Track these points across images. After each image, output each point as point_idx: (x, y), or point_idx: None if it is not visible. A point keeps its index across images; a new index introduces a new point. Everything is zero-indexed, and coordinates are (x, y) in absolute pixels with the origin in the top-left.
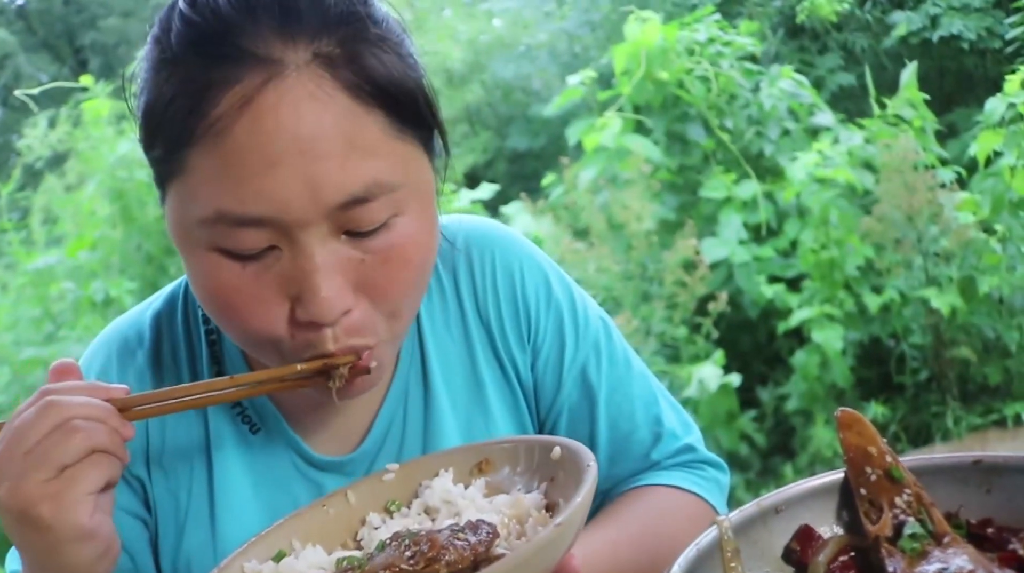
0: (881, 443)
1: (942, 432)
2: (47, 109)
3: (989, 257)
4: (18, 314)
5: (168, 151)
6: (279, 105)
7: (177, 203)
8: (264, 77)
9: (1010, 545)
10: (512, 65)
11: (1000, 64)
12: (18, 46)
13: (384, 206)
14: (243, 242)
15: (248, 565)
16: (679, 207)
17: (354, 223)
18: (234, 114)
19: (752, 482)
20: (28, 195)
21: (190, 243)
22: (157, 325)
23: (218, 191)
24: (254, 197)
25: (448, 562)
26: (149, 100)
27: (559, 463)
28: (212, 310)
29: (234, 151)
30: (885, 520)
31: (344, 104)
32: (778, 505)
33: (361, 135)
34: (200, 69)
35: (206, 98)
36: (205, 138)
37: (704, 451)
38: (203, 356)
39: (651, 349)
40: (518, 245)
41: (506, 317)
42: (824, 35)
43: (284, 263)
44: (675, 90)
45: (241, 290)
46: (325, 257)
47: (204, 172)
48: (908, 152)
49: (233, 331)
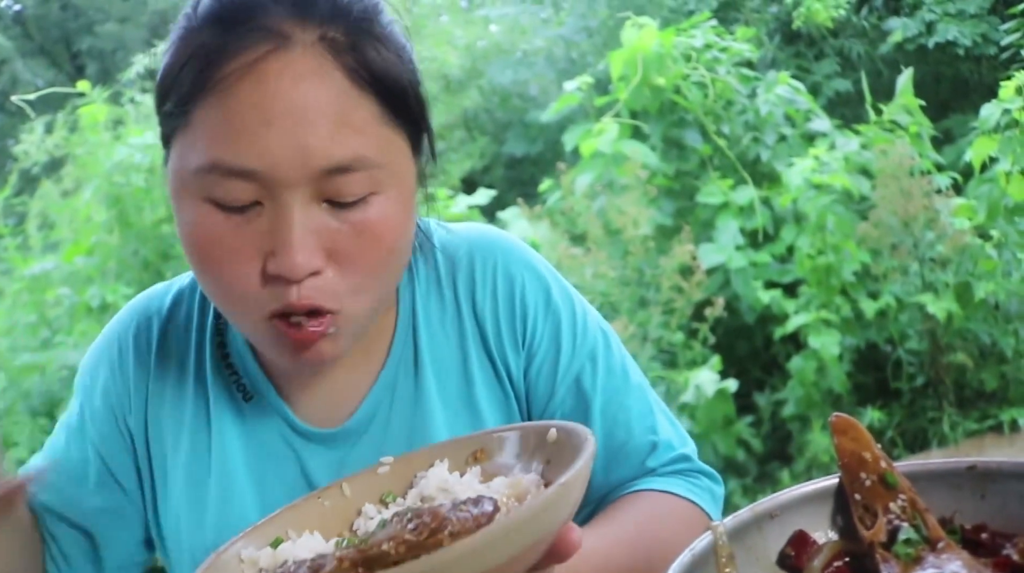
0: (876, 448)
1: (938, 438)
2: (44, 114)
3: (985, 263)
4: (14, 320)
5: (177, 106)
6: (282, 73)
7: (179, 154)
8: (272, 47)
9: (1004, 551)
10: (509, 71)
11: (995, 70)
12: (15, 51)
13: (364, 181)
14: (231, 193)
15: (245, 552)
16: (676, 212)
17: (335, 191)
18: (240, 75)
19: (749, 488)
20: (24, 200)
21: (184, 193)
22: (177, 297)
23: (216, 143)
24: (247, 151)
25: (452, 533)
26: (167, 62)
27: (555, 445)
28: (193, 259)
29: (235, 108)
30: (880, 525)
31: (341, 84)
32: (773, 510)
33: (352, 114)
34: (216, 36)
35: (217, 60)
36: (211, 95)
37: (699, 462)
38: (208, 329)
39: (648, 355)
40: (522, 254)
41: (502, 319)
42: (820, 41)
43: (264, 219)
44: (672, 96)
45: (222, 240)
46: (302, 218)
47: (206, 125)
48: (904, 158)
49: (209, 282)
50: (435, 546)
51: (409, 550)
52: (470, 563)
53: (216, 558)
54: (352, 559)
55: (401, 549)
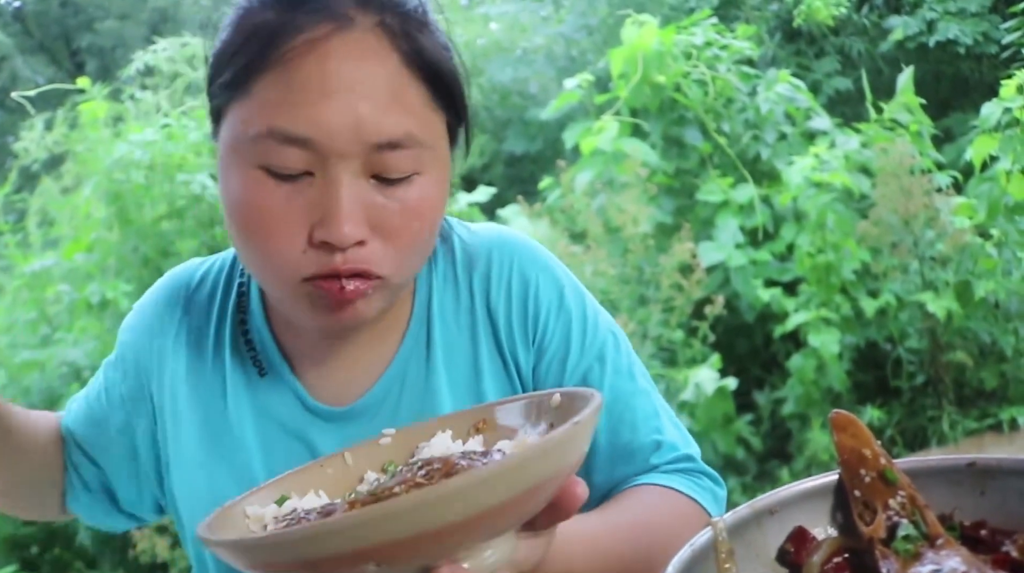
0: (875, 445)
1: (938, 436)
2: (44, 111)
3: (985, 261)
4: (14, 316)
5: (237, 75)
6: (343, 50)
7: (235, 123)
8: (335, 27)
9: (1003, 547)
10: (509, 69)
11: (996, 69)
12: (15, 48)
13: (411, 159)
14: (285, 160)
15: (250, 509)
16: (676, 211)
17: (383, 167)
18: (304, 50)
19: (748, 486)
20: (24, 197)
21: (237, 159)
22: (204, 274)
23: (276, 112)
24: (306, 120)
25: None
26: (226, 37)
27: (559, 409)
28: (238, 222)
29: (297, 80)
30: (879, 522)
31: (395, 66)
32: (772, 506)
33: (404, 94)
34: (281, 14)
35: (282, 35)
36: (274, 67)
37: (703, 464)
38: (230, 306)
39: (648, 353)
40: (539, 256)
41: (515, 316)
42: (821, 39)
43: (314, 189)
44: (672, 94)
45: (270, 206)
46: (351, 190)
47: (267, 95)
48: (904, 156)
49: (252, 245)
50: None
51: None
52: (475, 495)
53: (221, 512)
54: (364, 502)
55: (410, 491)
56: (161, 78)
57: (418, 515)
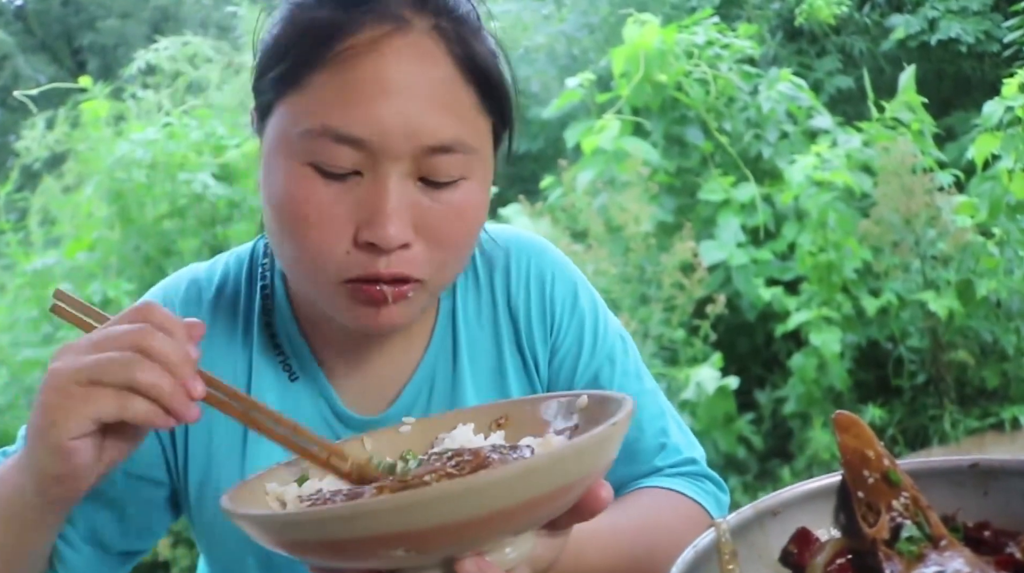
0: (878, 446)
1: (939, 435)
2: (45, 110)
3: (987, 260)
4: (16, 315)
5: (290, 70)
6: (399, 52)
7: (285, 117)
8: (394, 28)
9: (1007, 548)
10: None
11: (998, 67)
12: (16, 47)
13: (460, 163)
14: (336, 158)
15: (270, 486)
16: (677, 209)
17: (431, 170)
18: (363, 49)
19: (750, 485)
20: (26, 196)
21: (286, 154)
22: (225, 273)
23: (331, 109)
24: (361, 120)
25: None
26: (278, 32)
27: (586, 411)
28: (283, 218)
29: (355, 79)
30: (882, 523)
31: (450, 70)
32: (775, 508)
33: (457, 100)
34: (337, 12)
35: (339, 34)
36: (331, 64)
37: (707, 468)
38: (256, 308)
39: (649, 352)
40: (554, 256)
41: (534, 312)
42: (822, 38)
43: (363, 189)
44: (673, 93)
45: (319, 205)
46: (399, 191)
47: (322, 92)
48: (906, 155)
49: (294, 242)
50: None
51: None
52: (510, 489)
53: (242, 486)
54: (392, 488)
55: (442, 481)
56: (163, 77)
57: (455, 504)
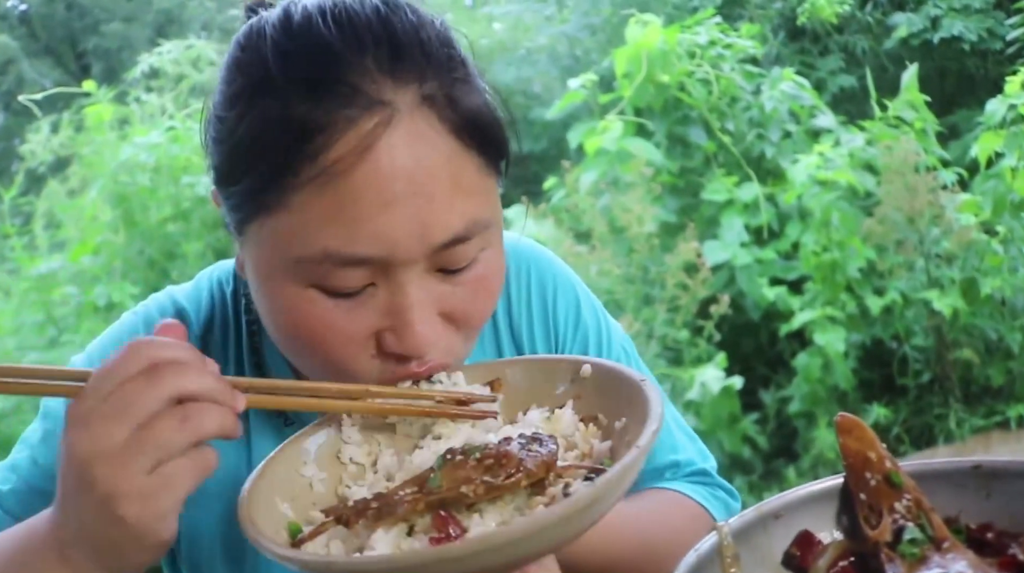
0: (880, 448)
1: (945, 434)
2: (50, 114)
3: (991, 258)
4: (21, 319)
5: (265, 187)
6: (395, 148)
7: (270, 240)
8: (380, 120)
9: (1010, 550)
10: (513, 69)
11: (1001, 65)
12: (21, 52)
13: (477, 243)
14: (346, 281)
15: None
16: (680, 210)
17: (450, 261)
18: (352, 158)
19: (755, 485)
20: (31, 200)
21: (281, 278)
22: (211, 304)
23: (329, 232)
24: (367, 238)
25: (528, 472)
26: (246, 132)
27: (587, 381)
28: (293, 342)
29: (350, 193)
30: (885, 525)
31: (450, 145)
32: (778, 510)
33: (463, 175)
34: (310, 106)
35: (320, 139)
36: (318, 179)
37: (719, 478)
38: (244, 344)
39: (653, 352)
40: (553, 265)
41: (537, 333)
42: (825, 37)
43: (379, 299)
44: (676, 93)
45: (333, 325)
46: (421, 295)
47: (312, 212)
48: (909, 154)
49: (311, 361)
50: (513, 488)
51: (487, 492)
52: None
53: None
54: (428, 505)
55: (479, 491)
56: (166, 80)
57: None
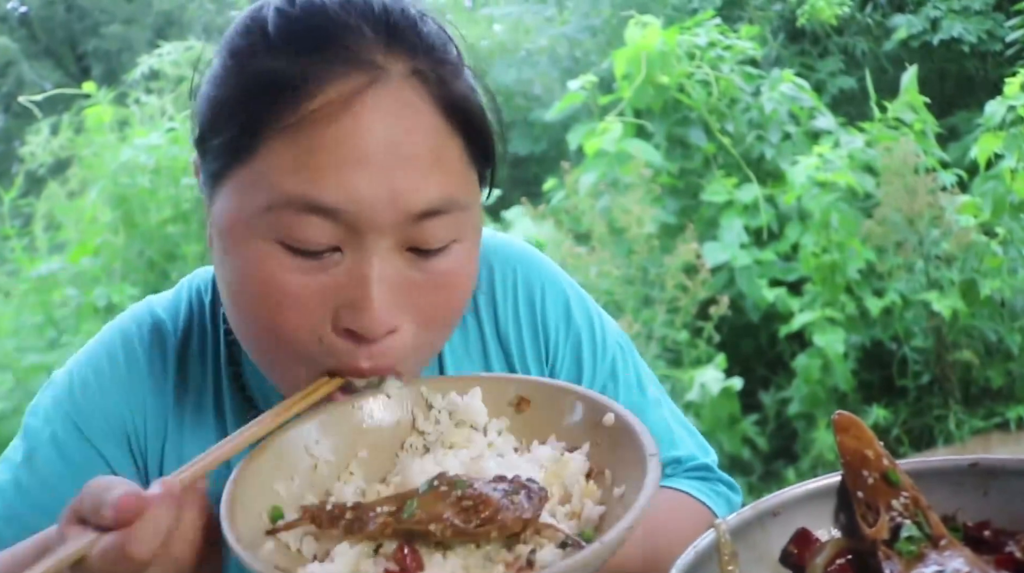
0: (878, 446)
1: (944, 435)
2: (50, 116)
3: (990, 260)
4: (21, 320)
5: (242, 135)
6: (379, 109)
7: (241, 190)
8: (369, 79)
9: (1007, 548)
10: (513, 70)
11: (1000, 67)
12: (21, 53)
13: (450, 226)
14: (309, 233)
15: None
16: (680, 211)
17: (421, 238)
18: (334, 109)
19: (754, 486)
20: (31, 202)
21: (246, 233)
22: (189, 316)
23: (297, 176)
24: (335, 188)
25: (501, 524)
26: (227, 89)
27: (608, 430)
28: (249, 304)
29: (325, 142)
30: (882, 523)
31: (435, 120)
32: (775, 508)
33: (445, 152)
34: (297, 63)
35: (302, 90)
36: (293, 128)
37: (720, 472)
38: (222, 355)
39: (653, 353)
40: (540, 264)
41: (525, 335)
42: (825, 39)
43: (342, 268)
44: (676, 94)
45: (288, 286)
46: (385, 270)
47: (286, 157)
48: (909, 155)
49: (261, 330)
50: (483, 536)
51: (455, 534)
52: None
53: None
54: (396, 531)
55: (447, 533)
56: (166, 82)
57: None
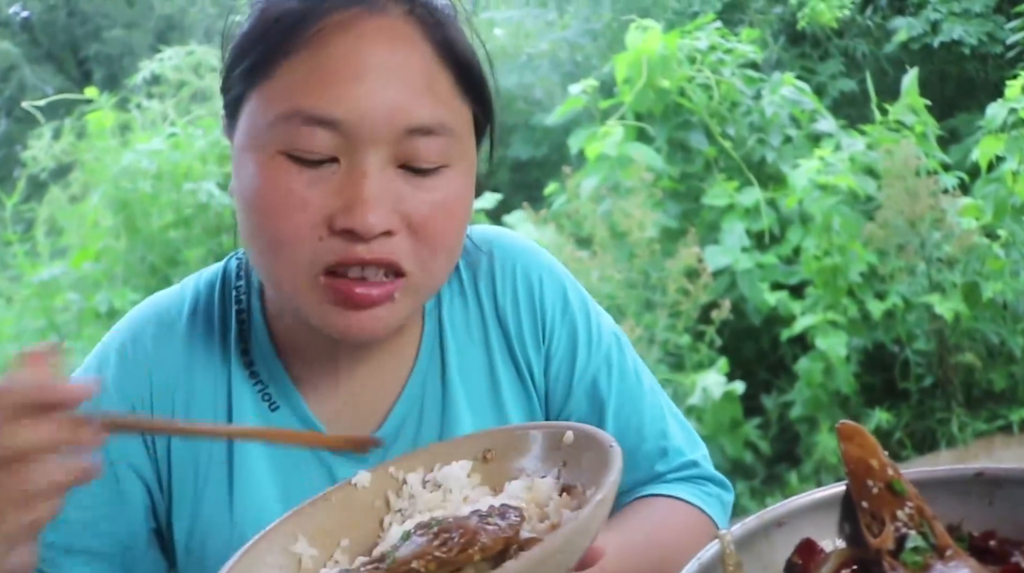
0: (882, 455)
1: (947, 438)
2: (52, 120)
3: (992, 262)
4: (23, 325)
5: (259, 60)
6: (378, 34)
7: (256, 108)
8: (366, 9)
9: (1013, 558)
10: (514, 74)
11: (1001, 69)
12: (23, 58)
13: (442, 147)
14: (311, 142)
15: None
16: (681, 215)
17: (413, 154)
18: (336, 30)
19: (757, 490)
20: (33, 207)
21: (256, 147)
22: (196, 298)
23: (303, 92)
24: (336, 100)
25: (482, 546)
26: (249, 27)
27: (571, 447)
28: (253, 209)
29: (327, 60)
30: (887, 533)
31: (429, 54)
32: (780, 518)
33: (437, 82)
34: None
35: (311, 17)
36: (302, 49)
37: (709, 468)
38: (232, 333)
39: (654, 357)
40: (540, 256)
41: (524, 318)
42: (825, 41)
43: (338, 178)
44: (677, 98)
45: (289, 191)
46: (380, 177)
47: (293, 76)
48: (910, 158)
49: (264, 233)
50: (466, 561)
51: (440, 566)
52: None
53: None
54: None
55: (431, 566)
56: (167, 87)
57: None
